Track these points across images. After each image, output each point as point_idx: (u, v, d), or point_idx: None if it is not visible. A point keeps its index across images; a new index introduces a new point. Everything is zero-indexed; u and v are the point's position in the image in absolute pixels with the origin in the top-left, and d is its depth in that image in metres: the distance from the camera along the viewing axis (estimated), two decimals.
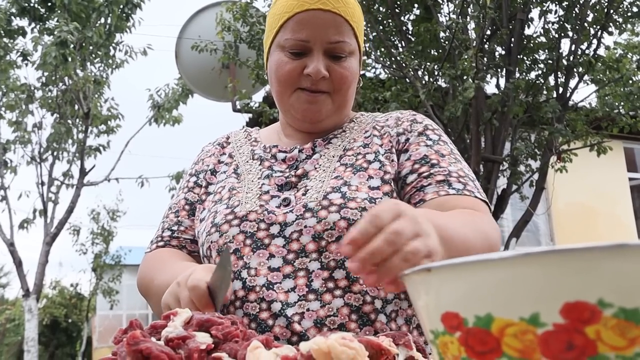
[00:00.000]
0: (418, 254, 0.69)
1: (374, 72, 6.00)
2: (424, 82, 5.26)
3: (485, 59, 5.40)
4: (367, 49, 5.55)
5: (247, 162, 1.23)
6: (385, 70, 5.74)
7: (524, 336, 0.29)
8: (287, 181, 1.14)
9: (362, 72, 1.28)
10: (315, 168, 1.15)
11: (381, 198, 1.07)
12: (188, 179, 1.31)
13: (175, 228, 1.24)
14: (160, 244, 1.23)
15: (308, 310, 1.00)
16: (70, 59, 7.33)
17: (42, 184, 8.68)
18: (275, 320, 1.00)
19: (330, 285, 1.02)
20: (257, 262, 1.04)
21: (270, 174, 1.17)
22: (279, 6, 1.15)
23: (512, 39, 5.46)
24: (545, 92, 5.81)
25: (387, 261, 0.68)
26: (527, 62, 5.80)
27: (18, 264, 8.24)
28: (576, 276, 0.28)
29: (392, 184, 1.11)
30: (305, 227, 1.05)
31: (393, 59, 5.33)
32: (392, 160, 1.15)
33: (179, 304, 0.90)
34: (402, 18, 5.80)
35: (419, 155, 1.13)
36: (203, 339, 0.56)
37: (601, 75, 5.98)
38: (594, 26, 5.63)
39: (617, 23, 5.65)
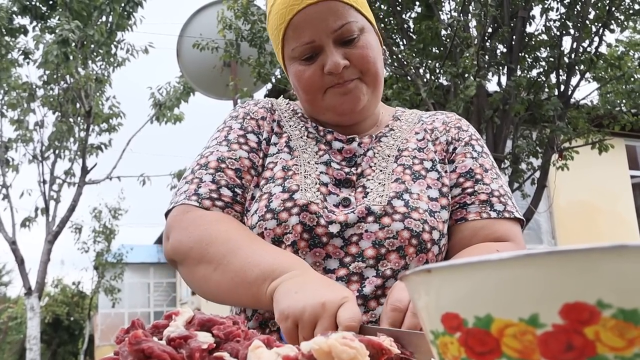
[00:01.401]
0: None
1: None
2: (425, 80, 5.26)
3: (486, 56, 5.40)
4: None
5: (301, 137, 1.16)
6: (387, 68, 5.74)
7: (523, 337, 0.29)
8: (346, 178, 1.10)
9: None
10: (371, 167, 1.11)
11: (439, 211, 1.06)
12: (244, 134, 1.16)
13: (239, 192, 1.08)
14: (219, 203, 1.06)
15: None
16: (71, 58, 7.33)
17: (44, 182, 8.71)
18: None
19: (379, 293, 1.00)
20: (312, 261, 1.01)
21: (329, 162, 1.11)
22: (273, 20, 1.10)
23: (514, 37, 5.46)
24: (546, 89, 5.80)
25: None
26: (529, 59, 5.80)
27: (20, 262, 8.26)
28: (576, 277, 0.28)
29: (448, 197, 1.10)
30: (367, 231, 1.01)
31: (394, 57, 5.32)
32: (446, 172, 1.13)
33: (311, 327, 0.78)
34: (404, 16, 5.79)
35: (464, 168, 1.13)
36: (205, 339, 0.56)
37: (603, 73, 5.98)
38: (596, 24, 5.63)
39: (619, 20, 5.65)
